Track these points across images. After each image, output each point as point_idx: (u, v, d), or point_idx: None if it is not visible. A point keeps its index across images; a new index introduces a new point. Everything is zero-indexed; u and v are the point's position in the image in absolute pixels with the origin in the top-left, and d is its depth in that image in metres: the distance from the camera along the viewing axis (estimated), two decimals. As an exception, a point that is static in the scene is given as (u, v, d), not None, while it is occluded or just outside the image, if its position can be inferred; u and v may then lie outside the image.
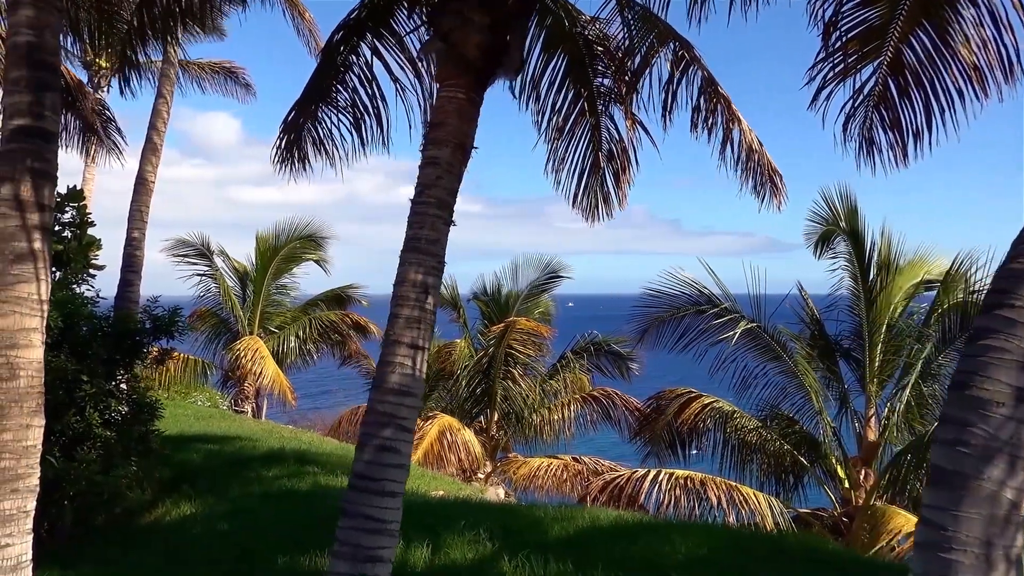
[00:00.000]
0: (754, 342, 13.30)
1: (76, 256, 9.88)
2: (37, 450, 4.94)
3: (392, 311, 5.06)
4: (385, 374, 4.96)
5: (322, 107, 7.58)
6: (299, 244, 20.23)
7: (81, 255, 10.05)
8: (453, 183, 5.24)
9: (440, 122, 5.29)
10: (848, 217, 13.38)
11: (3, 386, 4.78)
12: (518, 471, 16.93)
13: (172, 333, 9.48)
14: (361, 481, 4.86)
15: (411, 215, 5.20)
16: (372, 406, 4.98)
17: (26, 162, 4.96)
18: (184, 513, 8.83)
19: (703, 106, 8.04)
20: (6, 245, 4.87)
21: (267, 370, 17.70)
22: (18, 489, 4.79)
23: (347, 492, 4.96)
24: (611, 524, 7.30)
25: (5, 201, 4.90)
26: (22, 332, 4.85)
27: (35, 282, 4.93)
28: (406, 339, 4.95)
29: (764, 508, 11.98)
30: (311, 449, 12.43)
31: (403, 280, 5.05)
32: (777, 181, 8.52)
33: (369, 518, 4.75)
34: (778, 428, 13.56)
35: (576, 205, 9.13)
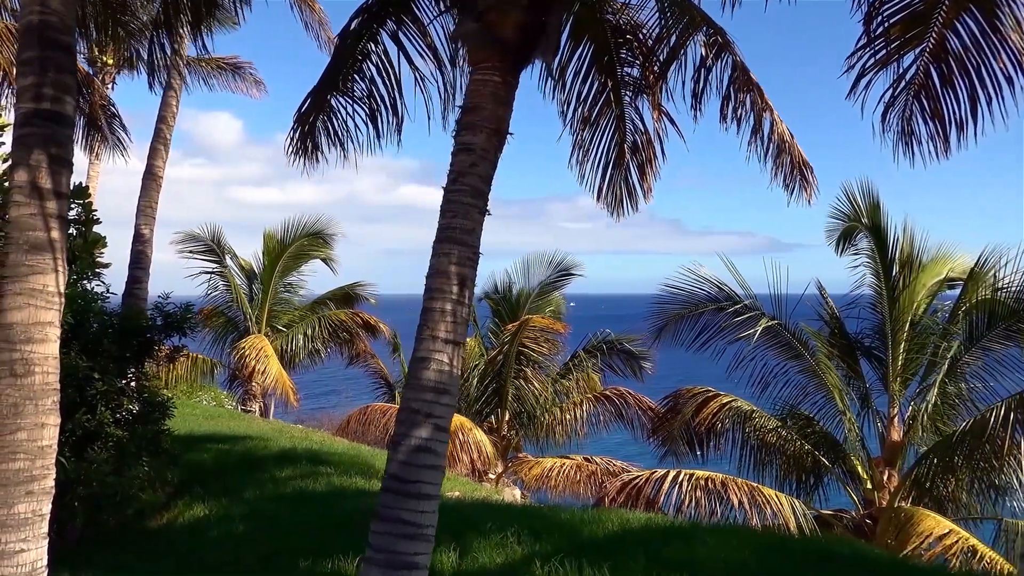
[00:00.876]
0: (774, 340, 13.06)
1: (81, 254, 9.65)
2: (52, 450, 4.69)
3: (425, 304, 4.82)
4: (419, 371, 4.71)
5: (337, 97, 7.35)
6: (307, 242, 19.99)
7: (86, 253, 9.82)
8: (488, 170, 4.99)
9: (474, 106, 5.05)
10: (870, 213, 13.13)
11: (17, 383, 4.53)
12: (530, 471, 16.68)
13: (184, 330, 9.24)
14: (395, 483, 4.61)
15: (444, 204, 4.95)
16: (406, 404, 4.73)
17: (41, 147, 4.71)
18: (197, 515, 8.59)
19: (735, 95, 7.80)
20: (21, 234, 4.63)
21: (271, 369, 17.45)
22: (33, 492, 4.54)
23: (380, 495, 4.71)
24: (642, 527, 7.05)
25: (20, 188, 4.66)
26: (37, 326, 4.61)
27: (51, 273, 4.69)
28: (441, 334, 4.70)
29: (787, 510, 11.72)
30: (322, 449, 12.19)
31: (437, 272, 4.80)
32: (808, 174, 8.29)
33: (404, 522, 4.50)
34: (796, 428, 13.31)
35: (601, 199, 8.90)
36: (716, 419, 13.42)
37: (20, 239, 4.62)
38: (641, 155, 8.84)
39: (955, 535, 9.74)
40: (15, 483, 4.47)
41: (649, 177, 8.98)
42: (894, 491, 12.09)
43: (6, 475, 4.46)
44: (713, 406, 13.42)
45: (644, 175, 8.94)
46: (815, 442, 13.09)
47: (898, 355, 12.57)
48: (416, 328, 4.75)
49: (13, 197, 4.68)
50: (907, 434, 12.32)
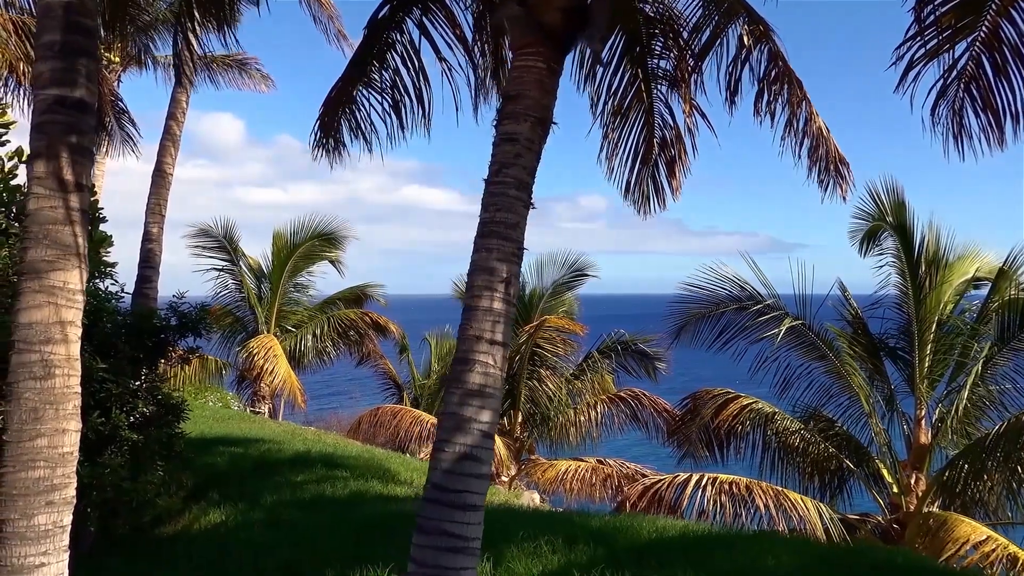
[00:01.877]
0: (798, 340, 12.78)
1: (88, 252, 9.38)
2: (74, 457, 4.43)
3: (467, 303, 4.55)
4: (463, 373, 4.44)
5: (361, 89, 7.11)
6: (317, 242, 19.73)
7: (93, 251, 9.58)
8: (533, 161, 4.72)
9: (517, 94, 4.78)
10: (895, 211, 12.84)
11: (37, 386, 4.27)
12: (544, 474, 16.41)
13: (199, 331, 8.97)
14: (439, 493, 4.33)
15: (487, 196, 4.68)
16: (450, 409, 4.46)
17: (62, 136, 4.44)
18: (214, 521, 8.32)
19: (770, 87, 7.54)
20: (41, 228, 4.36)
21: (279, 369, 17.17)
22: (53, 501, 4.28)
23: (422, 505, 4.43)
24: (679, 535, 6.78)
25: (40, 179, 4.39)
26: (57, 326, 4.34)
27: (72, 270, 4.43)
28: (486, 334, 4.43)
29: (813, 514, 11.44)
30: (337, 452, 11.92)
31: (480, 268, 4.53)
32: (844, 170, 8.02)
33: (449, 535, 4.23)
34: (818, 430, 13.04)
35: (628, 196, 8.64)
36: (737, 421, 13.14)
37: (40, 234, 4.35)
38: (670, 151, 8.58)
39: (993, 542, 9.46)
40: (35, 492, 4.21)
41: (678, 174, 8.72)
42: (922, 495, 11.81)
43: (25, 484, 4.20)
44: (733, 408, 13.15)
45: (672, 172, 8.68)
46: (838, 444, 12.83)
47: (925, 356, 12.28)
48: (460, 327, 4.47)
49: (32, 189, 4.41)
50: (935, 437, 12.03)
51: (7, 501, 4.19)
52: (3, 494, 4.21)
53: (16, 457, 4.22)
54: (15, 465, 4.21)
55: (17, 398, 4.26)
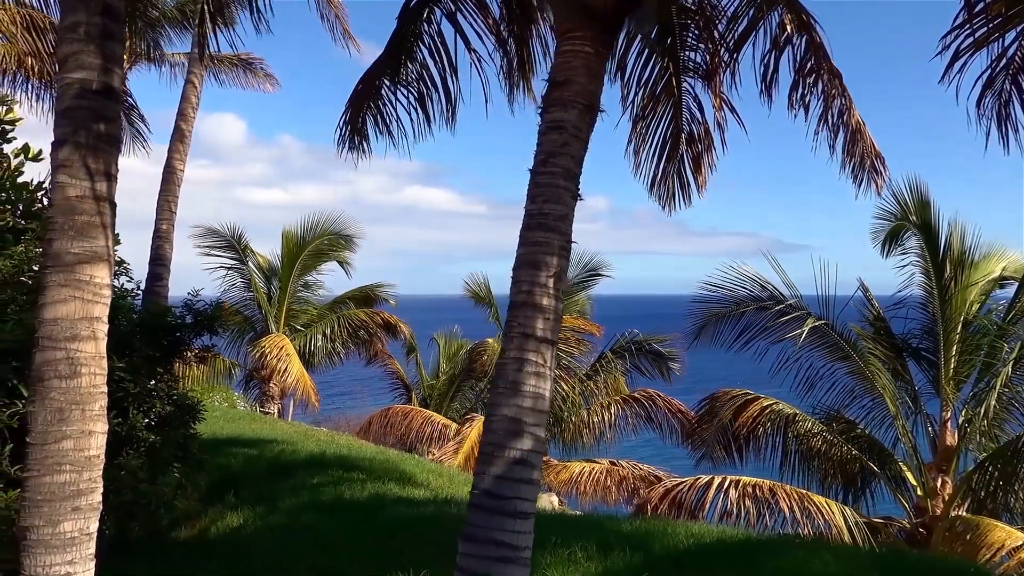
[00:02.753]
0: (820, 340, 12.55)
1: None
2: (100, 461, 4.21)
3: (514, 299, 4.32)
4: (512, 373, 4.21)
5: (388, 83, 6.92)
6: (327, 241, 19.50)
7: None
8: (580, 150, 4.50)
9: (564, 80, 4.55)
10: (919, 210, 12.61)
11: (63, 385, 4.04)
12: (558, 476, 16.18)
13: (214, 328, 8.73)
14: (488, 500, 4.10)
15: (533, 187, 4.46)
16: (497, 412, 4.23)
17: (90, 123, 4.22)
18: (232, 525, 8.09)
19: (807, 79, 7.32)
20: (67, 219, 4.14)
21: (292, 368, 16.95)
22: (80, 508, 4.06)
23: (469, 512, 4.20)
24: (717, 541, 6.55)
25: (66, 167, 4.16)
26: (84, 321, 4.12)
27: (99, 263, 4.20)
28: (536, 332, 4.21)
29: (838, 518, 11.22)
30: (352, 454, 11.70)
31: (527, 263, 4.31)
32: (879, 164, 7.79)
33: (499, 544, 4.01)
34: (839, 432, 12.82)
35: (654, 191, 8.41)
36: (757, 423, 12.92)
37: (65, 224, 4.13)
38: (697, 146, 8.35)
39: (1030, 547, 9.22)
40: (60, 498, 3.99)
41: (704, 170, 8.49)
42: (948, 499, 11.57)
43: (51, 489, 3.98)
44: (753, 409, 12.93)
45: (699, 168, 8.45)
46: (860, 447, 12.60)
47: (951, 357, 12.05)
48: (505, 324, 4.24)
49: (58, 178, 4.19)
50: (962, 439, 11.80)
51: (31, 507, 3.98)
52: (27, 500, 4.00)
53: (41, 460, 4.00)
54: (40, 469, 3.99)
55: (42, 398, 4.04)
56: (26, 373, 6.79)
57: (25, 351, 6.81)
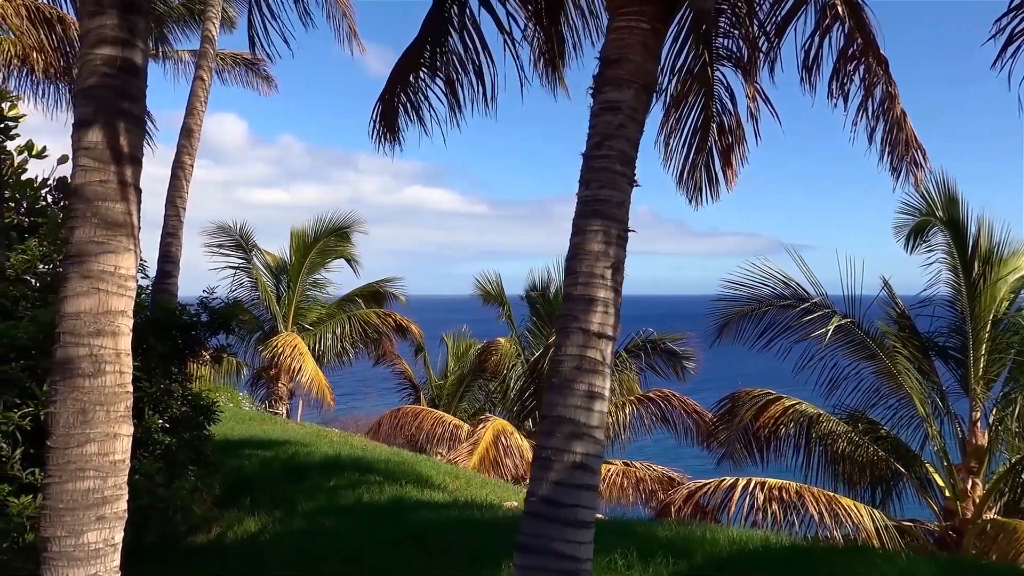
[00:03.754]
0: (845, 339, 12.25)
1: None
2: (126, 466, 3.91)
3: (569, 291, 4.02)
4: (568, 372, 3.91)
5: (420, 71, 6.67)
6: (335, 238, 19.21)
7: None
8: (637, 132, 4.21)
9: (619, 58, 4.26)
10: (946, 206, 12.31)
11: (86, 384, 3.75)
12: (573, 478, 15.85)
13: (231, 327, 8.46)
14: (546, 507, 3.80)
15: (586, 172, 4.16)
16: (554, 412, 3.93)
17: (113, 102, 3.92)
18: (249, 530, 7.80)
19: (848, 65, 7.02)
20: (88, 206, 3.84)
21: (306, 368, 16.66)
22: (104, 516, 3.76)
23: (525, 521, 3.90)
24: (762, 547, 6.25)
25: (88, 150, 3.87)
26: (108, 316, 3.83)
27: (124, 253, 3.91)
28: (594, 326, 3.91)
29: (867, 522, 10.92)
30: (366, 455, 11.41)
31: (583, 252, 4.01)
32: (919, 156, 7.50)
33: (559, 555, 3.71)
34: (863, 432, 12.53)
35: (681, 184, 8.12)
36: (779, 423, 12.63)
37: (88, 212, 3.84)
38: (727, 138, 8.06)
39: (1073, 552, 8.92)
40: (84, 506, 3.69)
41: (734, 163, 8.19)
42: (979, 501, 11.28)
43: (74, 496, 3.68)
44: (775, 410, 12.63)
45: (728, 161, 8.15)
46: (886, 447, 12.31)
47: (980, 355, 11.76)
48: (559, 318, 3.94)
49: (79, 161, 3.89)
50: (992, 440, 11.50)
51: (52, 516, 3.68)
52: (48, 508, 3.70)
53: (62, 466, 3.70)
54: (62, 475, 3.70)
55: (63, 398, 3.75)
56: (39, 372, 6.54)
57: (39, 349, 6.56)
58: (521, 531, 3.92)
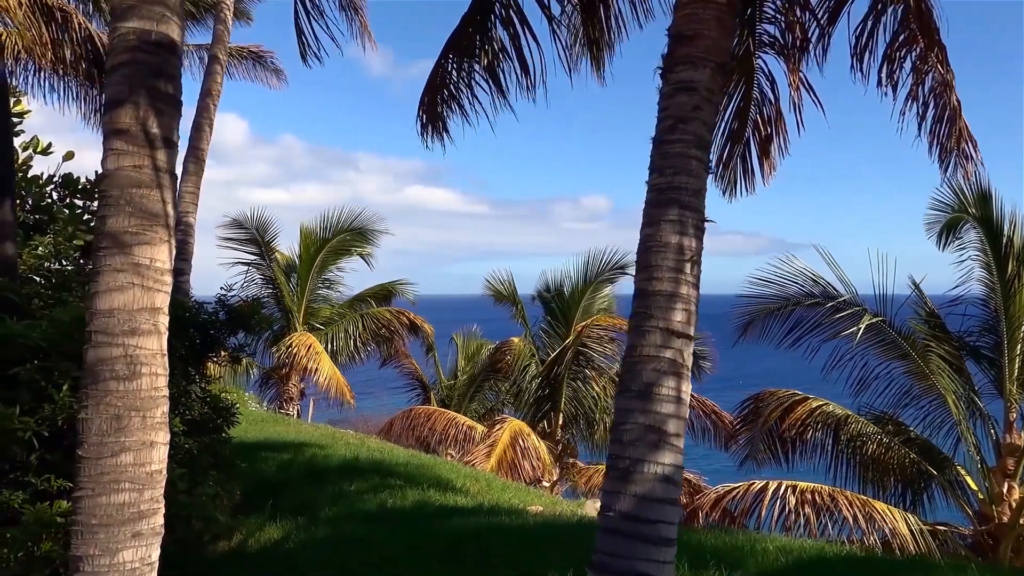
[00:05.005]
0: (875, 338, 11.93)
1: None
2: (162, 477, 3.59)
3: (642, 286, 3.70)
4: (646, 374, 3.59)
5: (463, 61, 6.42)
6: (348, 237, 18.87)
7: None
8: (712, 115, 3.90)
9: (694, 34, 3.93)
10: (978, 203, 12.01)
11: (120, 388, 3.42)
12: (590, 480, 15.54)
13: (251, 327, 8.13)
14: (627, 524, 3.47)
15: (658, 158, 3.83)
16: (630, 419, 3.60)
17: (147, 80, 3.60)
18: (273, 537, 7.47)
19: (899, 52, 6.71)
20: (122, 193, 3.52)
21: (323, 367, 16.34)
22: (141, 533, 3.43)
23: (602, 538, 3.57)
24: (817, 557, 5.93)
25: (120, 133, 3.54)
26: (144, 313, 3.50)
27: (160, 244, 3.58)
28: (673, 324, 3.59)
29: (902, 526, 10.59)
30: (384, 458, 11.10)
31: (658, 244, 3.69)
32: (970, 148, 7.18)
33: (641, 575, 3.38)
34: (892, 434, 12.21)
35: (716, 177, 7.81)
36: (806, 424, 12.31)
37: (121, 199, 3.51)
38: (765, 129, 7.74)
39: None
40: (119, 522, 3.37)
41: (772, 155, 7.87)
42: (1016, 505, 10.96)
43: (108, 511, 3.36)
44: (802, 411, 12.31)
45: (766, 151, 7.84)
46: (917, 449, 12.00)
47: (1015, 355, 11.44)
48: (632, 316, 3.61)
49: (111, 144, 3.57)
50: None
51: (85, 533, 3.36)
52: (80, 524, 3.38)
53: (95, 477, 3.38)
54: (95, 487, 3.37)
55: (96, 403, 3.42)
56: (55, 374, 6.22)
57: (56, 350, 6.24)
58: (597, 548, 3.58)
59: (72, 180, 10.06)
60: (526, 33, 5.98)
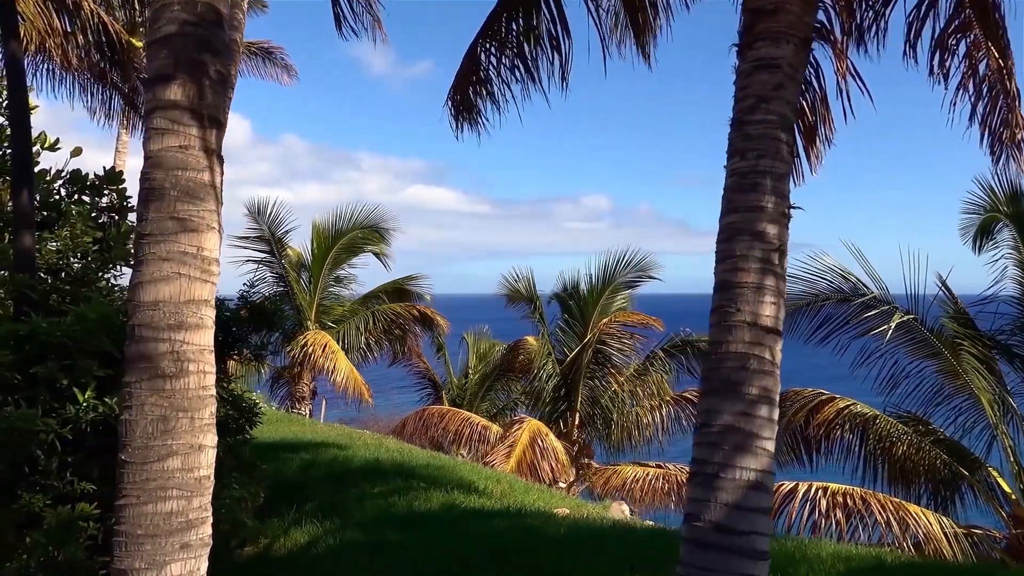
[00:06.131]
0: (907, 336, 11.67)
1: (116, 244, 8.36)
2: (210, 483, 3.33)
3: (727, 277, 3.43)
4: (732, 373, 3.32)
5: (493, 46, 6.19)
6: (361, 234, 18.59)
7: (120, 243, 8.54)
8: (796, 94, 3.63)
9: (775, 7, 3.66)
10: (1009, 201, 11.80)
11: (167, 387, 3.16)
12: (609, 482, 15.26)
13: (273, 324, 7.86)
14: (720, 535, 3.20)
15: (740, 140, 3.57)
16: (717, 420, 3.34)
17: (194, 54, 3.33)
18: (299, 542, 7.21)
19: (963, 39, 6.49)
20: (168, 175, 3.25)
21: (340, 366, 16.07)
22: (190, 544, 3.17)
23: (690, 551, 3.30)
24: (873, 566, 5.66)
25: (166, 110, 3.28)
26: (191, 305, 3.24)
27: (208, 232, 3.32)
28: (763, 319, 3.33)
29: (936, 530, 10.34)
30: (405, 459, 10.83)
31: (741, 232, 3.42)
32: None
33: (737, 593, 3.11)
34: (920, 434, 11.95)
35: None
36: (833, 425, 12.05)
37: (166, 182, 3.24)
38: (812, 117, 7.47)
39: None
40: (167, 532, 3.10)
41: (818, 143, 7.60)
42: (1053, 508, 10.69)
43: (154, 521, 3.10)
44: (829, 411, 12.04)
45: (812, 140, 7.56)
46: (947, 450, 11.74)
47: (1049, 355, 11.19)
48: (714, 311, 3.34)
49: (154, 122, 3.30)
50: (1067, 443, 10.92)
51: (130, 544, 3.09)
52: (124, 535, 3.11)
53: (140, 484, 3.12)
54: (140, 494, 3.11)
55: (140, 403, 3.16)
56: (78, 373, 5.96)
57: (78, 348, 5.98)
58: (684, 562, 3.31)
59: (80, 176, 9.81)
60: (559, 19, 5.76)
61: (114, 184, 9.13)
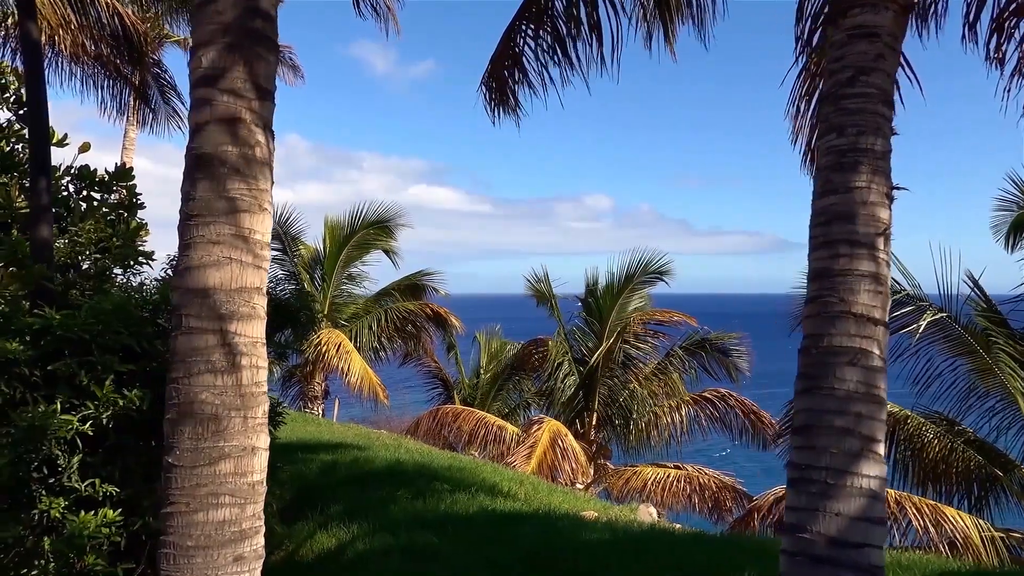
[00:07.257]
0: (940, 334, 11.36)
1: (125, 241, 8.10)
2: (264, 488, 3.03)
3: (823, 264, 3.13)
4: (837, 368, 3.01)
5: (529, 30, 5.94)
6: (372, 231, 18.31)
7: (129, 240, 8.28)
8: (895, 67, 3.32)
9: (871, -30, 3.36)
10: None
11: (218, 383, 2.87)
12: (628, 483, 14.96)
13: (299, 322, 7.60)
14: (831, 548, 2.88)
15: (837, 115, 3.26)
16: (824, 422, 3.01)
17: (242, 21, 3.05)
18: (326, 546, 6.91)
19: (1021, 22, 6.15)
20: (216, 150, 2.97)
21: (354, 366, 15.77)
22: (243, 556, 2.88)
23: (794, 565, 2.99)
24: (939, 572, 5.36)
25: (214, 80, 3.01)
26: (242, 293, 2.95)
27: (260, 213, 3.03)
28: (867, 311, 3.01)
29: (973, 533, 10.04)
30: (428, 462, 10.55)
31: (841, 215, 3.12)
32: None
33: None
34: (955, 435, 11.64)
35: (803, 167, 7.26)
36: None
37: (216, 158, 2.95)
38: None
39: None
40: (219, 543, 2.81)
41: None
42: (1092, 511, 10.39)
43: (206, 531, 2.80)
44: (857, 411, 11.71)
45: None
46: (979, 450, 11.44)
47: (1084, 355, 10.87)
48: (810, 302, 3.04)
49: (200, 93, 3.02)
50: (1105, 444, 10.60)
51: (179, 556, 2.80)
52: (172, 546, 2.82)
53: (190, 490, 2.82)
54: (190, 501, 2.82)
55: (188, 402, 2.87)
56: (98, 369, 5.67)
57: (97, 343, 5.70)
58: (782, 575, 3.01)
59: (89, 172, 9.57)
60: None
61: (124, 181, 8.88)
